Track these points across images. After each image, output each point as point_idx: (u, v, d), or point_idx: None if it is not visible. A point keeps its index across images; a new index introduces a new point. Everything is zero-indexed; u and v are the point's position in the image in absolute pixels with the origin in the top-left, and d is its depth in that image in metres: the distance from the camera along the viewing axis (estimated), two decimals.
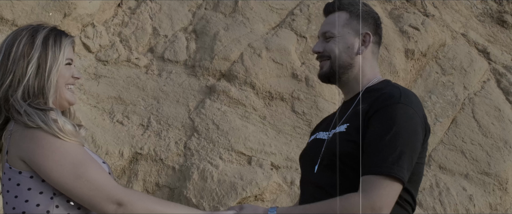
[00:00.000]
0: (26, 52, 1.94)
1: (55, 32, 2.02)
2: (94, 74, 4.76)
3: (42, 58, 1.94)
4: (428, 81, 5.63)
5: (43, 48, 1.95)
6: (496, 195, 5.01)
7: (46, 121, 1.82)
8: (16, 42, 1.96)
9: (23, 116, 1.85)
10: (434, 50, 5.85)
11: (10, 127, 1.91)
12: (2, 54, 1.96)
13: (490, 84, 5.83)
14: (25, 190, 1.87)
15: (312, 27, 5.35)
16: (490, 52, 6.25)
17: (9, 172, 1.90)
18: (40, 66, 1.93)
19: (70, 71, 2.02)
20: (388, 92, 2.19)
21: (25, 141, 1.85)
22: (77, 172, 1.81)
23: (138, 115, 4.58)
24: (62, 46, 1.99)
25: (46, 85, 1.93)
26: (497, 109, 5.55)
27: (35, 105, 1.88)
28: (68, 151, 1.83)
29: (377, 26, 2.43)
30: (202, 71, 4.92)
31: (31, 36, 1.97)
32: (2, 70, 1.94)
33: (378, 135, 2.05)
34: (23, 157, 1.85)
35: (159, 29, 5.19)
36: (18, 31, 2.01)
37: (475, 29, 6.64)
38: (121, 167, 4.28)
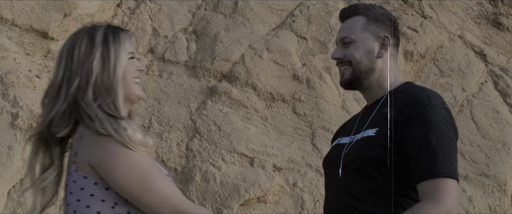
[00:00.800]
0: (88, 52, 1.93)
1: (112, 28, 2.02)
2: None
3: (104, 54, 1.93)
4: (427, 83, 5.65)
5: (104, 45, 1.95)
6: (495, 196, 5.03)
7: (117, 129, 1.80)
8: (76, 44, 1.95)
9: (95, 122, 1.83)
10: (432, 52, 5.87)
11: (81, 130, 1.89)
12: (64, 59, 1.95)
13: (488, 86, 5.86)
14: (88, 196, 1.85)
15: (312, 28, 5.35)
16: (487, 54, 6.28)
17: (75, 174, 1.88)
18: (105, 62, 1.92)
19: (134, 65, 2.01)
20: (416, 95, 2.18)
21: (96, 147, 1.83)
22: (144, 183, 1.79)
23: (139, 116, 4.55)
24: (122, 40, 1.98)
25: (114, 80, 1.91)
26: (495, 110, 5.58)
27: (106, 109, 1.87)
28: (136, 161, 1.81)
29: (395, 28, 2.42)
30: (203, 72, 4.89)
31: (90, 36, 1.96)
32: (67, 74, 1.92)
33: (423, 139, 2.04)
34: (92, 163, 1.84)
35: (159, 29, 5.16)
36: (75, 34, 2.00)
37: (471, 31, 6.67)
38: None
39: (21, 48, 4.54)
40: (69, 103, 1.89)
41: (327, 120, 4.81)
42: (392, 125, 2.14)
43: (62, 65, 1.94)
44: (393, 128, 2.13)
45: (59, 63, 1.96)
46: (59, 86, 1.92)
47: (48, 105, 1.94)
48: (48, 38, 4.59)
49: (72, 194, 1.88)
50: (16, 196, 3.95)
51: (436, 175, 1.99)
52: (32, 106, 4.11)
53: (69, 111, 1.90)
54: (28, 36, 4.56)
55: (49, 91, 1.95)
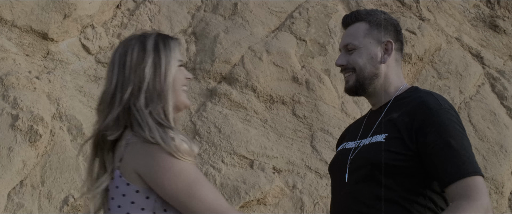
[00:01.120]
0: (140, 59, 1.97)
1: (162, 36, 2.06)
2: (94, 76, 4.72)
3: (156, 61, 1.97)
4: (425, 85, 5.67)
5: (156, 52, 1.98)
6: (492, 198, 5.06)
7: (165, 139, 1.83)
8: (128, 51, 1.99)
9: (144, 129, 1.87)
10: (430, 54, 5.89)
11: (128, 136, 1.92)
12: (117, 66, 1.99)
13: (485, 89, 5.88)
14: (129, 203, 1.89)
15: (311, 31, 5.36)
16: (484, 56, 6.31)
17: (118, 180, 1.91)
18: (156, 69, 1.96)
19: (183, 73, 2.04)
20: (425, 100, 2.19)
21: (143, 155, 1.87)
22: (190, 190, 1.83)
23: None
24: (172, 48, 2.03)
25: (164, 86, 1.95)
26: (492, 113, 5.60)
27: (156, 117, 1.90)
28: (182, 169, 1.84)
29: (398, 33, 2.42)
30: (203, 74, 4.89)
31: (141, 43, 2.00)
32: (121, 80, 1.96)
33: (443, 144, 2.05)
34: (139, 171, 1.87)
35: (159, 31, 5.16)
36: (126, 41, 2.04)
37: (468, 33, 6.70)
38: None
39: (21, 49, 4.53)
40: (122, 109, 1.93)
41: (327, 122, 4.83)
42: (404, 131, 2.15)
43: (115, 72, 1.99)
44: (406, 134, 2.13)
45: (112, 69, 2.00)
46: (113, 92, 1.96)
47: (103, 112, 1.98)
48: (48, 39, 4.58)
49: (114, 199, 1.92)
50: (16, 197, 3.94)
51: (465, 175, 1.99)
52: (32, 107, 4.10)
53: (121, 116, 1.93)
54: (27, 37, 4.55)
55: (104, 98, 1.99)
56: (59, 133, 4.21)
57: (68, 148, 4.18)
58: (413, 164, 2.10)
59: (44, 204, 3.96)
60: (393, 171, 2.10)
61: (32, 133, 4.03)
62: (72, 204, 3.97)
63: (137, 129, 1.89)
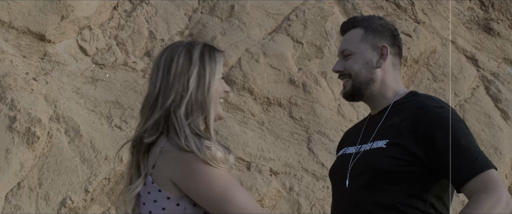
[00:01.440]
0: (186, 68, 1.99)
1: (209, 47, 2.08)
2: (91, 78, 4.71)
3: (200, 72, 1.99)
4: (420, 88, 5.70)
5: (201, 63, 2.01)
6: None
7: (200, 148, 1.86)
8: (175, 57, 2.00)
9: (180, 137, 1.89)
10: (425, 57, 5.92)
11: (162, 144, 1.93)
12: (161, 71, 2.00)
13: (480, 91, 5.92)
14: (160, 209, 1.91)
15: (308, 33, 5.37)
16: (478, 59, 6.35)
17: (150, 186, 1.93)
18: (200, 80, 1.98)
19: (222, 85, 2.07)
20: (427, 104, 2.21)
21: (178, 163, 1.89)
22: (225, 196, 1.86)
23: (136, 120, 4.54)
24: (217, 60, 2.05)
25: (207, 98, 1.98)
26: (487, 115, 5.64)
27: (194, 128, 1.92)
28: (217, 176, 1.87)
29: (395, 38, 2.44)
30: None
31: (188, 52, 2.02)
32: (163, 85, 1.98)
33: (453, 144, 2.06)
34: (173, 179, 1.90)
35: (156, 32, 5.16)
36: (173, 48, 2.06)
37: (462, 36, 6.73)
38: (120, 172, 4.24)
39: (18, 50, 4.52)
40: (162, 114, 1.95)
41: (323, 124, 4.84)
42: (407, 136, 2.16)
43: (160, 77, 2.00)
44: (410, 139, 2.14)
45: (157, 73, 2.02)
46: (156, 97, 1.98)
47: (145, 115, 2.01)
48: (45, 41, 4.58)
49: (145, 205, 1.95)
50: (13, 199, 3.93)
51: (479, 171, 2.00)
52: (29, 109, 4.09)
53: (160, 121, 1.96)
54: (25, 39, 4.54)
55: (147, 101, 2.02)
56: (57, 135, 4.21)
57: (66, 150, 4.18)
58: (415, 169, 2.11)
59: (41, 206, 3.95)
60: (394, 177, 2.12)
61: (30, 135, 4.02)
62: (70, 206, 3.96)
63: (173, 136, 1.91)
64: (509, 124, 5.69)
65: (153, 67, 2.07)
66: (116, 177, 4.24)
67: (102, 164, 4.19)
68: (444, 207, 2.18)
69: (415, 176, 2.11)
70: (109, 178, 4.19)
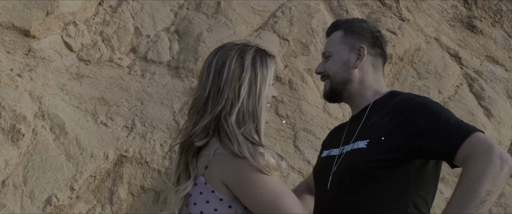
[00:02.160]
0: (238, 74, 1.98)
1: (261, 52, 2.07)
2: (76, 74, 4.67)
3: (252, 80, 1.99)
4: (405, 86, 5.73)
5: (253, 70, 2.00)
6: None
7: (254, 155, 1.87)
8: (227, 62, 1.99)
9: (233, 144, 1.89)
10: (410, 55, 5.95)
11: (215, 145, 1.94)
12: (212, 74, 2.00)
13: (463, 89, 5.97)
14: (212, 210, 1.93)
15: (294, 30, 5.37)
16: (462, 56, 6.40)
17: (203, 187, 1.94)
18: (251, 87, 1.98)
19: (271, 91, 2.07)
20: (402, 97, 2.25)
21: (231, 167, 1.90)
22: (275, 203, 1.88)
23: (122, 116, 4.52)
24: (268, 66, 2.04)
25: (258, 107, 1.98)
26: (470, 113, 5.69)
27: (247, 136, 1.92)
28: (268, 182, 1.88)
29: (376, 39, 2.46)
30: (186, 73, 4.88)
31: (240, 57, 2.01)
32: (214, 90, 1.98)
33: (434, 121, 2.05)
34: (226, 181, 1.91)
35: (141, 28, 5.12)
36: (225, 51, 2.04)
37: (446, 33, 6.78)
38: (105, 169, 4.22)
39: (2, 46, 4.46)
40: (213, 118, 1.96)
41: (309, 121, 4.85)
42: (387, 132, 2.16)
43: (210, 80, 2.00)
44: (390, 134, 2.14)
45: (207, 76, 2.01)
46: (206, 100, 1.99)
47: (194, 117, 2.00)
48: (30, 37, 4.52)
49: (196, 205, 1.97)
50: None
51: (466, 136, 1.95)
52: (14, 106, 4.04)
53: (210, 125, 1.96)
54: (9, 34, 4.48)
55: (196, 103, 2.02)
56: (42, 132, 4.17)
57: (51, 147, 4.14)
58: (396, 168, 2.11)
59: (26, 204, 3.92)
60: (375, 178, 2.12)
61: (15, 132, 3.98)
62: (55, 204, 3.93)
63: (226, 142, 1.92)
64: (492, 121, 5.75)
65: (203, 68, 2.05)
66: (102, 174, 4.22)
67: (88, 162, 4.16)
68: (426, 206, 2.19)
69: (396, 175, 2.11)
70: (95, 175, 4.17)
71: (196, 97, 2.03)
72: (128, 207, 4.22)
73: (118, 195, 4.20)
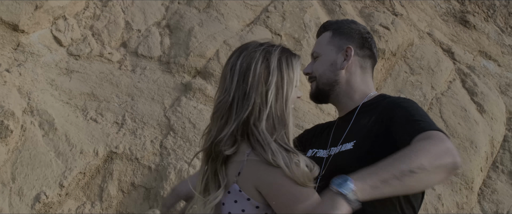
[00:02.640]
0: (264, 78, 1.91)
1: (286, 53, 1.99)
2: (66, 69, 4.61)
3: (278, 83, 1.92)
4: (397, 81, 5.70)
5: (279, 72, 1.93)
6: (462, 194, 5.13)
7: (289, 165, 1.80)
8: (252, 65, 1.92)
9: (267, 152, 1.83)
10: (403, 50, 5.92)
11: (247, 150, 1.87)
12: (236, 78, 1.92)
13: (456, 85, 5.95)
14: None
15: (286, 25, 5.33)
16: (454, 52, 6.37)
17: (237, 194, 1.87)
18: (278, 91, 1.92)
19: (296, 93, 2.01)
20: (391, 100, 2.24)
21: (265, 175, 1.83)
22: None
23: (112, 112, 4.47)
24: (294, 68, 1.98)
25: (285, 111, 1.92)
26: (463, 109, 5.67)
27: (280, 142, 1.86)
28: (302, 195, 1.82)
29: (365, 40, 2.44)
30: (177, 68, 4.83)
31: (266, 60, 1.94)
32: (239, 94, 1.90)
33: (403, 116, 2.03)
34: (260, 188, 1.84)
35: (132, 23, 5.06)
36: (250, 53, 1.96)
37: (439, 28, 6.75)
38: (95, 166, 4.17)
39: None
40: (239, 124, 1.89)
41: (301, 118, 4.82)
42: (374, 133, 2.14)
43: (235, 83, 1.93)
44: (376, 134, 2.13)
45: (231, 79, 1.94)
46: (231, 105, 1.92)
47: (218, 122, 1.94)
48: (19, 31, 4.45)
49: (224, 205, 1.90)
50: None
51: (424, 130, 1.92)
52: (2, 102, 3.99)
53: (237, 131, 1.89)
54: None
55: (220, 107, 1.95)
56: (30, 128, 4.11)
57: (40, 144, 4.09)
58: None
59: (15, 201, 3.87)
60: None
61: (3, 128, 3.92)
62: (44, 201, 3.88)
63: (259, 150, 1.85)
64: (485, 117, 5.73)
65: (226, 70, 1.97)
66: (92, 171, 4.17)
67: (77, 158, 4.11)
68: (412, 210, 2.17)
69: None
70: (85, 172, 4.12)
71: (219, 102, 1.96)
72: (118, 204, 4.18)
73: (108, 192, 4.15)
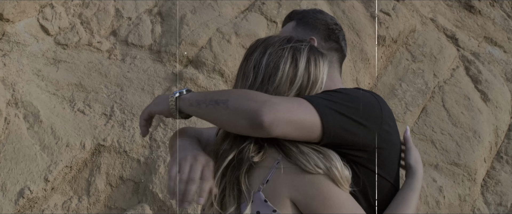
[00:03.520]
0: (291, 79, 1.77)
1: (315, 52, 1.86)
2: (53, 59, 4.47)
3: (304, 83, 1.80)
4: (399, 69, 5.53)
5: (306, 73, 1.80)
6: (465, 185, 4.97)
7: (330, 167, 1.66)
8: (281, 65, 1.79)
9: (299, 156, 1.67)
10: (404, 36, 5.74)
11: (277, 157, 1.71)
12: (260, 77, 1.77)
13: (459, 72, 5.76)
14: None
15: (282, 12, 5.15)
16: (459, 38, 6.18)
17: (262, 205, 1.70)
18: (301, 92, 1.79)
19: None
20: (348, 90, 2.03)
21: (303, 184, 1.67)
22: None
23: (100, 103, 4.32)
24: (322, 69, 1.85)
25: None
26: (466, 97, 5.50)
27: (310, 145, 1.71)
28: (345, 202, 1.68)
29: (331, 32, 2.28)
30: (168, 57, 4.67)
31: (294, 59, 1.79)
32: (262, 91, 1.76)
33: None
34: (296, 199, 1.67)
35: (123, 10, 4.91)
36: (277, 50, 1.80)
37: (443, 14, 6.56)
38: (82, 159, 4.04)
39: None
40: None
41: None
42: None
43: (258, 83, 1.78)
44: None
45: (255, 78, 1.79)
46: None
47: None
48: (3, 20, 4.31)
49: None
50: None
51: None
52: None
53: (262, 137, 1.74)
54: None
55: None
56: (15, 121, 3.98)
57: (24, 137, 3.96)
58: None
59: None
60: None
61: None
62: (28, 196, 3.76)
63: (290, 154, 1.70)
64: (489, 106, 5.55)
65: (248, 67, 1.82)
66: (79, 164, 4.04)
67: (63, 152, 3.98)
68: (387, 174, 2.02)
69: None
70: (71, 166, 3.99)
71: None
72: (106, 198, 4.05)
73: (96, 186, 4.02)
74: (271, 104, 1.63)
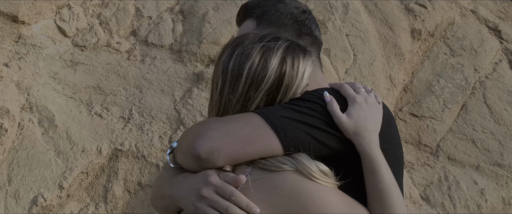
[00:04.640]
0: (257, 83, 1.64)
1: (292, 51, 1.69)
2: (71, 62, 4.33)
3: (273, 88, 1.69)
4: (436, 64, 5.22)
5: (278, 76, 1.67)
6: (509, 188, 4.63)
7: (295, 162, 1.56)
8: (245, 68, 1.67)
9: (264, 161, 1.58)
10: (442, 30, 5.42)
11: (247, 169, 1.58)
12: (229, 81, 1.64)
13: (502, 66, 5.41)
14: None
15: (310, 6, 4.90)
16: (502, 30, 5.82)
17: None
18: (269, 97, 1.69)
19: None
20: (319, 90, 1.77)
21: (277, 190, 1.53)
22: None
23: (118, 106, 4.17)
24: (299, 70, 1.68)
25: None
26: (510, 93, 5.15)
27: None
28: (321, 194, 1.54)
29: (301, 25, 1.98)
30: (189, 57, 4.48)
31: (264, 60, 1.64)
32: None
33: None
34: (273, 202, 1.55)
35: (143, 9, 4.74)
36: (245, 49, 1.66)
37: (484, 4, 6.20)
38: (99, 165, 3.88)
39: None
40: None
41: None
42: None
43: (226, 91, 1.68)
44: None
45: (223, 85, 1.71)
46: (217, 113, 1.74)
47: None
48: (19, 22, 4.20)
49: None
50: None
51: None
52: None
53: None
54: None
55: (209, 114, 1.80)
56: (29, 126, 3.85)
57: (39, 142, 3.82)
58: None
59: (11, 205, 3.62)
60: None
61: None
62: (42, 204, 3.62)
63: (262, 164, 1.60)
64: None
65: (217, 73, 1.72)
66: (95, 170, 3.88)
67: (79, 157, 3.83)
68: None
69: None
70: (87, 172, 3.84)
71: (209, 115, 1.73)
72: (124, 205, 3.89)
73: (113, 193, 3.86)
74: (206, 133, 1.47)
